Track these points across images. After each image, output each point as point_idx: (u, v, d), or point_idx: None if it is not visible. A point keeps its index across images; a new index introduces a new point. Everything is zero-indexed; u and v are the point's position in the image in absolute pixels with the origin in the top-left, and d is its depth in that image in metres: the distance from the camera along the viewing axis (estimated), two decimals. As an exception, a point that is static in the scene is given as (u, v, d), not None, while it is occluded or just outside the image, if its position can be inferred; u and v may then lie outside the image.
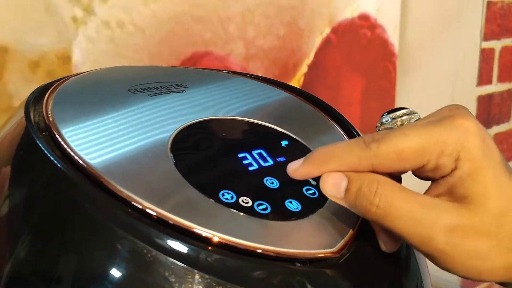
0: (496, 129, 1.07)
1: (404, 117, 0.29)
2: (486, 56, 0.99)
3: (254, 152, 0.29)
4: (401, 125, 0.29)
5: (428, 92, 1.03)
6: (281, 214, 0.26)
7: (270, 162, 0.29)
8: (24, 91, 0.61)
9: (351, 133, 0.35)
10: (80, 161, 0.26)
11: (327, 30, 0.93)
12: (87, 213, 0.24)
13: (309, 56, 0.90)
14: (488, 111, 1.04)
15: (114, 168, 0.26)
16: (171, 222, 0.24)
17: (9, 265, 0.26)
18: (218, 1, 0.76)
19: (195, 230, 0.24)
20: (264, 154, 0.29)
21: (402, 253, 0.29)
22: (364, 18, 0.99)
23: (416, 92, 1.02)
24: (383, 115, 0.30)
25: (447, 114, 0.27)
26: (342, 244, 0.26)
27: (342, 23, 0.95)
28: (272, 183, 0.28)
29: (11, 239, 0.27)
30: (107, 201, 0.24)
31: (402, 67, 1.02)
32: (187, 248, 0.23)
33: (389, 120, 0.30)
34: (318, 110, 0.36)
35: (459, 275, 0.26)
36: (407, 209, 0.24)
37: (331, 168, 0.25)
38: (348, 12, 0.96)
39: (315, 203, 0.28)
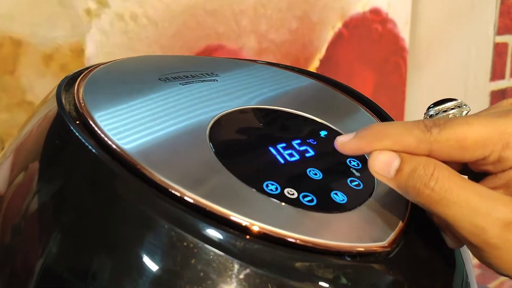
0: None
1: (455, 110, 0.28)
2: (499, 51, 0.99)
3: (294, 143, 0.28)
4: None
5: (439, 87, 1.02)
6: (327, 206, 0.25)
7: (311, 152, 0.28)
8: (37, 85, 0.60)
9: (383, 117, 0.34)
10: (117, 149, 0.24)
11: (339, 25, 0.92)
12: (125, 201, 0.23)
13: (321, 50, 0.89)
14: (501, 106, 1.03)
15: (151, 156, 0.25)
16: (211, 211, 0.23)
17: (43, 259, 0.25)
18: (231, -6, 0.75)
19: (235, 219, 0.23)
20: (304, 145, 0.28)
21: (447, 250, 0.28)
22: (376, 12, 0.98)
23: (426, 87, 1.01)
24: (429, 107, 0.29)
25: (510, 107, 0.26)
26: (392, 238, 0.25)
27: (354, 17, 0.94)
28: (316, 174, 0.27)
29: (46, 229, 0.26)
30: (145, 189, 0.23)
31: (413, 62, 1.01)
32: (228, 237, 0.22)
33: (439, 113, 0.28)
34: (346, 95, 0.35)
35: (503, 273, 0.25)
36: (463, 196, 0.23)
37: (384, 146, 0.24)
38: (359, 7, 0.95)
39: (360, 194, 0.27)
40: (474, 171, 0.26)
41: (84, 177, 0.24)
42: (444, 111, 0.28)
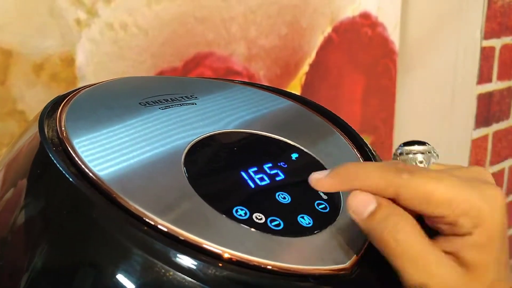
0: (495, 126, 1.08)
1: (424, 155, 0.29)
2: (486, 55, 1.00)
3: (266, 166, 0.30)
4: (420, 162, 0.29)
5: (428, 89, 1.03)
6: (293, 230, 0.27)
7: (281, 176, 0.29)
8: (28, 94, 0.61)
9: (355, 139, 0.35)
10: (94, 177, 0.26)
11: (328, 29, 0.93)
12: (100, 228, 0.25)
13: (311, 55, 0.90)
14: (488, 109, 1.04)
15: (127, 183, 0.26)
16: (183, 239, 0.24)
17: (27, 275, 0.26)
18: (220, 1, 0.76)
19: (207, 246, 0.24)
20: (275, 168, 0.30)
21: None
22: (365, 16, 0.99)
23: (416, 89, 1.02)
24: (399, 146, 0.30)
25: (479, 176, 0.27)
26: (353, 260, 0.26)
27: (344, 21, 0.95)
28: (284, 198, 0.28)
29: (29, 251, 0.27)
30: (120, 216, 0.24)
31: (402, 65, 1.02)
32: (199, 265, 0.23)
33: (409, 155, 0.29)
34: (323, 118, 0.37)
35: None
36: (423, 258, 0.25)
37: (356, 186, 0.26)
38: (349, 11, 0.96)
39: (326, 218, 0.28)
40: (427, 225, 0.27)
41: (63, 204, 0.26)
42: (414, 153, 0.29)
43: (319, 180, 0.26)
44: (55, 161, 0.25)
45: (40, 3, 0.60)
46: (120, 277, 0.23)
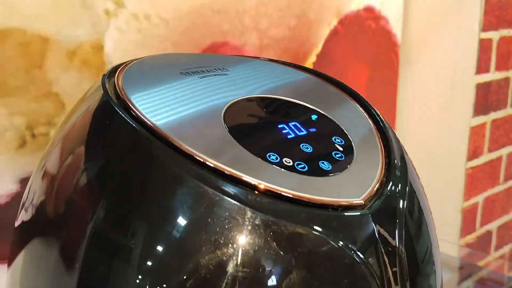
0: (493, 115, 1.13)
1: None
2: (484, 46, 1.05)
3: (291, 124, 0.35)
4: None
5: (429, 80, 1.08)
6: (315, 171, 0.32)
7: (304, 132, 0.35)
8: (62, 78, 0.67)
9: (366, 108, 0.41)
10: (151, 125, 0.31)
11: (334, 22, 0.98)
12: (160, 163, 0.30)
13: (317, 46, 0.96)
14: (486, 98, 1.09)
15: (178, 131, 0.31)
16: (228, 173, 0.30)
17: (92, 222, 0.32)
18: (235, -6, 0.81)
19: (247, 179, 0.30)
20: (299, 125, 0.35)
21: (416, 215, 0.35)
22: (369, 10, 1.04)
23: (417, 80, 1.08)
24: None
25: None
26: (366, 195, 0.32)
27: (349, 15, 1.00)
28: (307, 148, 0.34)
29: (94, 196, 0.33)
30: (177, 154, 0.30)
31: (404, 57, 1.08)
32: (241, 192, 0.29)
33: None
34: (337, 88, 0.42)
35: None
36: None
37: None
38: (354, 5, 1.01)
39: (342, 164, 0.34)
40: None
41: (127, 148, 0.31)
42: None
43: None
44: (120, 112, 0.31)
45: (73, -5, 0.65)
46: (179, 203, 0.29)
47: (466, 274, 0.92)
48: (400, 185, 0.34)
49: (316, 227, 0.29)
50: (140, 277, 0.29)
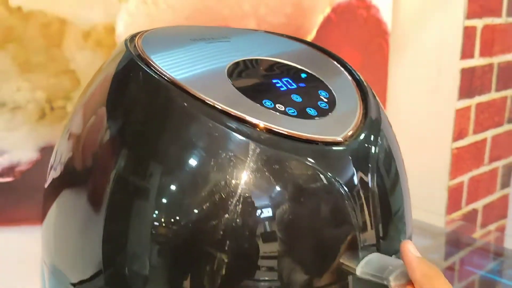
0: (478, 99, 1.19)
1: None
2: (468, 33, 1.11)
3: (284, 80, 0.42)
4: None
5: (417, 65, 1.15)
6: (303, 115, 0.39)
7: (295, 86, 0.42)
8: (78, 56, 0.73)
9: (350, 72, 0.48)
10: (170, 76, 0.38)
11: (327, 10, 1.05)
12: (179, 106, 0.37)
13: (311, 32, 1.02)
14: (471, 82, 1.16)
15: (192, 83, 0.38)
16: (233, 114, 0.36)
17: (115, 169, 0.38)
18: (235, -18, 0.88)
19: (249, 119, 0.36)
20: (290, 81, 0.42)
21: (387, 160, 0.42)
22: (361, -1, 1.10)
23: (406, 65, 1.14)
24: None
25: None
26: (345, 135, 0.39)
27: (341, 4, 1.07)
28: (297, 98, 0.41)
29: (117, 142, 0.40)
30: (192, 100, 0.37)
31: (394, 43, 1.14)
32: (245, 128, 0.36)
33: None
34: (328, 57, 0.49)
35: None
36: None
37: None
38: (346, -6, 1.08)
39: (326, 111, 0.41)
40: None
41: (149, 96, 0.38)
42: None
43: (409, 250, 0.36)
44: (143, 66, 0.38)
45: (89, -20, 0.72)
46: (196, 138, 0.35)
47: (452, 240, 0.99)
48: (374, 132, 0.41)
49: (304, 157, 0.36)
50: (164, 199, 0.36)
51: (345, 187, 0.37)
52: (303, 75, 0.44)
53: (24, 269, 0.75)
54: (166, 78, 0.38)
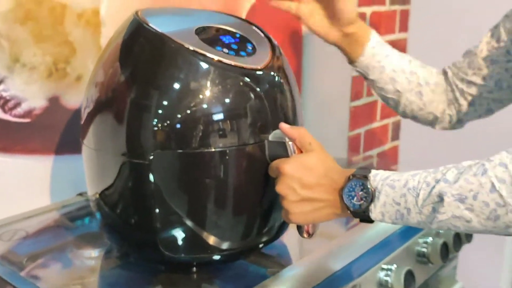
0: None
1: None
2: (360, 17, 1.47)
3: (227, 36, 0.74)
4: None
5: (325, 44, 1.49)
6: (239, 55, 0.71)
7: (233, 40, 0.74)
8: (74, 32, 1.01)
9: (267, 36, 0.80)
10: (162, 31, 0.69)
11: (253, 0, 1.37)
12: (170, 48, 0.68)
13: (242, 16, 1.34)
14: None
15: (176, 36, 0.70)
16: (201, 52, 0.68)
17: (131, 92, 0.70)
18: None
19: (209, 55, 0.68)
20: (230, 38, 0.74)
21: (287, 85, 0.75)
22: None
23: (317, 44, 1.47)
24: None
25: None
26: (262, 66, 0.71)
27: (264, -5, 1.38)
28: (235, 46, 0.72)
29: (130, 79, 0.71)
30: (180, 45, 0.68)
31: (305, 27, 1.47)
32: (207, 59, 0.68)
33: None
34: (255, 28, 0.82)
35: None
36: None
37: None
38: (267, -13, 1.39)
39: (251, 53, 0.73)
40: None
41: (150, 45, 0.69)
42: None
43: (286, 129, 0.70)
44: (147, 27, 0.69)
45: (82, -24, 1.00)
46: (179, 66, 0.67)
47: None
48: (277, 66, 0.74)
49: (240, 76, 0.69)
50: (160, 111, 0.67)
51: (262, 93, 0.70)
52: (237, 35, 0.76)
53: (31, 189, 1.02)
54: (159, 32, 0.69)
